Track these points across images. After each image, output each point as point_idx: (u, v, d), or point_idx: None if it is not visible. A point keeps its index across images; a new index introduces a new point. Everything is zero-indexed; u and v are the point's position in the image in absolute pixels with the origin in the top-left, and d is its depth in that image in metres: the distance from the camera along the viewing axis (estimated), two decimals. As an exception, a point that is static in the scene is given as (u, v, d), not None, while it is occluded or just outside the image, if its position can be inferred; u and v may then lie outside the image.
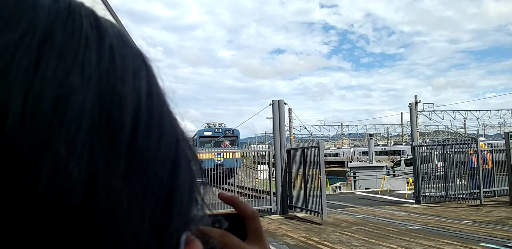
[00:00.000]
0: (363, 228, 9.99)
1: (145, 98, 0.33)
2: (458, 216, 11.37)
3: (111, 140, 0.29)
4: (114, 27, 0.35)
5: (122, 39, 0.35)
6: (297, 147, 13.41)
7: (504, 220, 10.37)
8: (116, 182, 0.29)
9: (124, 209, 0.29)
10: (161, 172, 0.33)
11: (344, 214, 12.53)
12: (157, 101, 0.35)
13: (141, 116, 0.32)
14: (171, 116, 0.37)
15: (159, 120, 0.34)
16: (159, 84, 0.37)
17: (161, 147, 0.33)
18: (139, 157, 0.31)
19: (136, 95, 0.32)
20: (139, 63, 0.35)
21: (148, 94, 0.34)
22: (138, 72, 0.34)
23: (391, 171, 30.43)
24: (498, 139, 38.91)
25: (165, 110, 0.36)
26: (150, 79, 0.35)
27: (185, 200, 0.36)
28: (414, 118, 16.96)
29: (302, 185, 12.23)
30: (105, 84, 0.30)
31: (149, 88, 0.34)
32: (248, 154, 20.12)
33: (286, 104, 13.69)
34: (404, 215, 11.87)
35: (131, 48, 0.36)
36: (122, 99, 0.31)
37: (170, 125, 0.36)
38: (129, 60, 0.34)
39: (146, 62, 0.37)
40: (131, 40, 0.37)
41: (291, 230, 10.08)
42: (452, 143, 14.92)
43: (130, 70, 0.33)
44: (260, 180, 16.94)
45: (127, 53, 0.34)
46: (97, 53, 0.31)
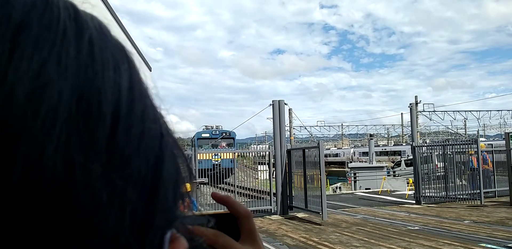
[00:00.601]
0: (363, 228, 9.98)
1: (126, 93, 0.32)
2: (458, 216, 11.36)
3: (90, 133, 0.29)
4: (94, 20, 0.35)
5: (102, 32, 0.34)
6: (297, 147, 13.40)
7: (505, 220, 10.35)
8: (94, 175, 0.28)
9: (102, 204, 0.29)
10: (144, 166, 0.33)
11: (344, 214, 12.52)
12: (139, 95, 0.34)
13: (121, 111, 0.31)
14: (155, 111, 0.37)
15: (141, 115, 0.33)
16: (141, 79, 0.36)
17: (143, 141, 0.33)
18: (119, 151, 0.31)
19: (116, 89, 0.32)
20: (120, 57, 0.35)
21: (130, 89, 0.33)
22: (119, 66, 0.33)
23: (391, 171, 30.41)
24: (499, 139, 38.87)
25: (147, 104, 0.35)
26: (131, 74, 0.35)
27: (169, 196, 0.36)
28: (414, 118, 16.95)
29: (302, 186, 12.23)
30: (83, 77, 0.30)
31: (131, 83, 0.34)
32: (249, 154, 20.20)
33: (286, 104, 13.69)
34: (404, 216, 11.86)
35: (112, 42, 0.35)
36: (102, 93, 0.30)
37: (153, 120, 0.35)
38: (109, 54, 0.33)
39: (128, 56, 0.36)
40: (112, 34, 0.36)
41: (291, 231, 10.08)
42: (452, 143, 14.89)
43: (111, 64, 0.32)
44: (260, 180, 16.93)
45: (107, 46, 0.33)
46: (75, 46, 0.30)
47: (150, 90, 0.37)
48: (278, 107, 13.33)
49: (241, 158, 21.75)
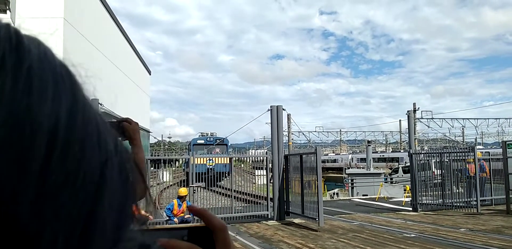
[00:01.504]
0: (360, 235, 9.97)
1: (64, 122, 0.32)
2: (454, 224, 11.36)
3: (21, 166, 0.28)
4: (40, 46, 0.34)
5: (46, 60, 0.34)
6: (295, 153, 13.41)
7: (501, 229, 10.36)
8: (22, 209, 0.28)
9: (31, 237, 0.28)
10: (81, 198, 0.32)
11: (341, 220, 12.51)
12: (80, 123, 0.34)
13: (57, 142, 0.31)
14: (100, 134, 0.36)
15: (81, 144, 0.33)
16: (86, 104, 0.36)
17: (81, 172, 0.32)
18: (52, 184, 0.30)
19: (53, 120, 0.31)
20: (62, 84, 0.34)
21: (69, 118, 0.33)
22: (60, 95, 0.33)
23: (388, 178, 30.40)
24: (496, 147, 38.93)
25: (90, 131, 0.35)
26: (74, 101, 0.34)
27: (111, 223, 0.35)
28: (412, 126, 16.96)
29: (299, 191, 12.23)
30: (17, 109, 0.30)
31: (71, 112, 0.33)
32: (247, 159, 20.27)
33: (285, 110, 13.70)
34: (401, 223, 11.86)
35: (56, 69, 0.35)
36: (36, 123, 0.30)
37: (96, 145, 0.35)
38: (50, 83, 0.33)
39: (73, 82, 0.36)
40: (58, 60, 0.36)
41: (287, 236, 10.06)
42: (449, 152, 14.91)
43: (49, 94, 0.32)
44: (258, 185, 16.92)
45: (48, 76, 0.33)
46: (12, 77, 0.30)
47: (97, 114, 0.37)
48: (276, 112, 13.35)
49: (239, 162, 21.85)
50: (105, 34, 28.53)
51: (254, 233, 10.59)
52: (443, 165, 14.58)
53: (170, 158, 14.01)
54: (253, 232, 10.74)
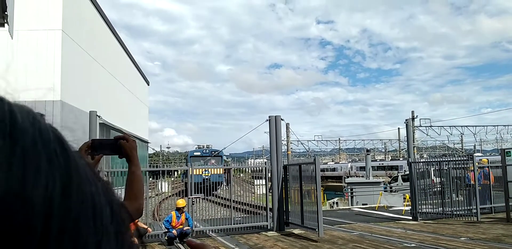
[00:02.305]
0: (360, 245, 9.92)
1: (59, 204, 0.32)
2: (454, 233, 11.31)
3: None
4: (35, 123, 0.34)
5: (41, 138, 0.34)
6: (294, 163, 13.39)
7: (501, 237, 10.32)
8: None
9: None
10: None
11: (341, 230, 12.44)
12: (75, 201, 0.34)
13: (52, 226, 0.31)
14: (95, 208, 0.36)
15: (76, 225, 0.33)
16: (80, 175, 0.36)
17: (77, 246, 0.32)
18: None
19: (48, 203, 0.31)
20: (56, 163, 0.34)
21: (64, 198, 0.33)
22: (54, 176, 0.33)
23: (388, 186, 30.31)
24: (495, 154, 38.89)
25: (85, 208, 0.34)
26: (68, 178, 0.34)
27: None
28: (411, 134, 16.99)
29: (298, 200, 12.19)
30: (10, 196, 0.30)
31: (66, 191, 0.33)
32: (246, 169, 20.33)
33: (283, 120, 13.72)
34: (401, 232, 11.80)
35: (49, 146, 0.35)
36: (30, 209, 0.30)
37: (91, 222, 0.35)
38: (44, 163, 0.33)
39: (66, 157, 0.35)
40: (55, 134, 0.36)
41: (287, 248, 10.01)
42: (448, 160, 14.89)
43: (43, 178, 0.32)
44: (257, 194, 16.86)
45: (41, 157, 0.33)
46: (5, 159, 0.31)
47: (92, 180, 0.36)
48: (274, 122, 13.37)
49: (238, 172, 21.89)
50: (103, 45, 28.65)
51: (253, 245, 10.52)
52: (442, 173, 14.57)
53: (169, 169, 14.01)
54: (253, 243, 10.67)
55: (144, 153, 44.06)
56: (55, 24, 19.91)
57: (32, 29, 19.52)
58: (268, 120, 13.44)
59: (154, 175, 18.68)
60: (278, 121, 13.43)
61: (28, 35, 19.38)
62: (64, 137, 0.38)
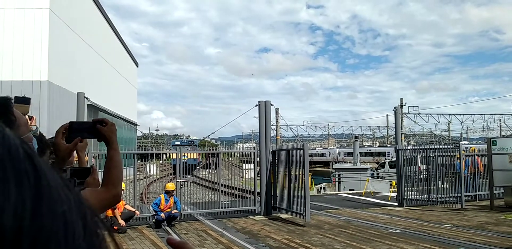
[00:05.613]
0: (346, 230, 10.05)
1: (28, 223, 0.31)
2: (439, 220, 11.50)
3: None
4: (4, 141, 0.33)
5: (9, 157, 0.32)
6: (283, 148, 13.42)
7: (484, 225, 10.52)
8: None
9: None
10: None
11: (328, 216, 12.58)
12: (46, 217, 0.32)
13: (23, 245, 0.30)
14: (67, 226, 0.34)
15: (47, 243, 0.31)
16: (51, 191, 0.34)
17: None
18: None
19: (17, 222, 0.30)
20: (26, 182, 0.33)
21: (34, 216, 0.31)
22: (23, 196, 0.31)
23: (375, 173, 30.65)
24: (481, 142, 39.44)
25: (56, 227, 0.33)
26: (38, 196, 0.33)
27: None
28: (399, 121, 17.07)
29: (286, 185, 12.27)
30: None
31: (36, 211, 0.32)
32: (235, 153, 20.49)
33: (272, 105, 13.69)
34: (387, 218, 11.97)
35: (19, 166, 0.33)
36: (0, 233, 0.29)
37: (63, 240, 0.33)
38: (12, 185, 0.31)
39: (37, 175, 0.34)
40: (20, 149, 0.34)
41: (274, 232, 10.10)
42: (435, 148, 15.04)
43: (12, 198, 0.31)
44: (245, 178, 16.93)
45: (10, 178, 0.32)
46: None
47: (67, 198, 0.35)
48: (264, 108, 13.32)
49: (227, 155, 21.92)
50: (92, 25, 28.11)
51: (241, 228, 10.60)
52: (429, 160, 14.73)
53: (157, 152, 14.02)
54: (240, 227, 10.75)
55: (133, 135, 43.92)
56: (43, 2, 19.41)
57: (19, 7, 19.04)
58: (258, 105, 13.39)
59: (142, 157, 18.63)
60: (267, 106, 13.38)
61: (14, 14, 18.92)
62: (34, 151, 0.36)
